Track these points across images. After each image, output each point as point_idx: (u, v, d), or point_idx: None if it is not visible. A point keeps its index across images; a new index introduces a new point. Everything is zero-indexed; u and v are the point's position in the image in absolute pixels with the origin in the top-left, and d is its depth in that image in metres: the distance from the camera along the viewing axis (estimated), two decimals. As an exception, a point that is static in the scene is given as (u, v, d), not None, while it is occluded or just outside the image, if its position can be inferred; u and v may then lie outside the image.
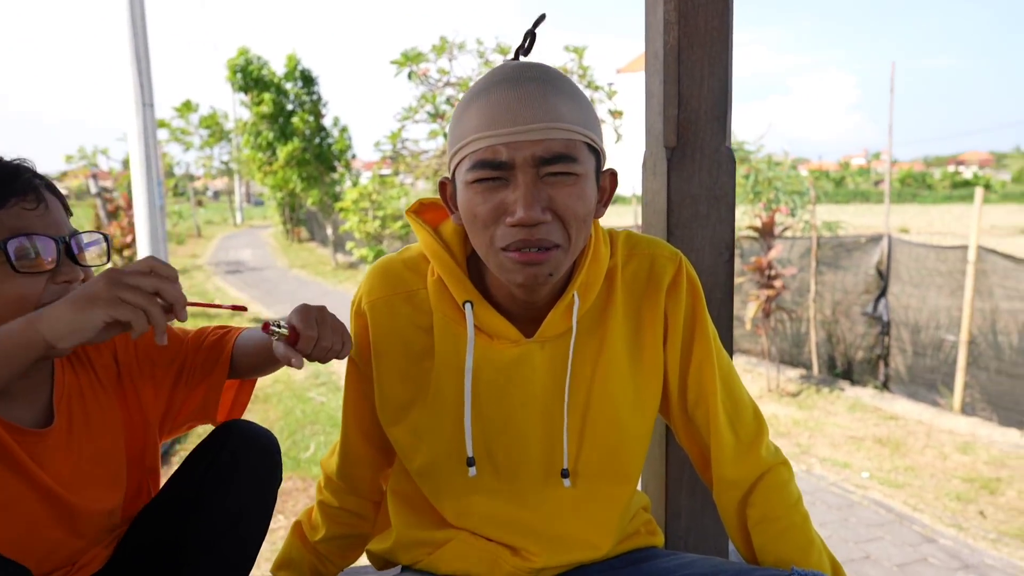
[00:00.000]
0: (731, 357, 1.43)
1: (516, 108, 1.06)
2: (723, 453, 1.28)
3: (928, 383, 7.23)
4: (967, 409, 6.67)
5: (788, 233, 9.07)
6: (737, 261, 7.14)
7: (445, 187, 1.21)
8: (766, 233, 7.53)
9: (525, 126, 1.06)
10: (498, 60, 14.10)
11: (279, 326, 1.15)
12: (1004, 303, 6.60)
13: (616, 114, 14.66)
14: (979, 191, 6.90)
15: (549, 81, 1.09)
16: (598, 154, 1.14)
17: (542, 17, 1.21)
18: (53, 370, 1.26)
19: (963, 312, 6.74)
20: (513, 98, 1.07)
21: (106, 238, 1.31)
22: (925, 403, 6.98)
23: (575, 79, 13.93)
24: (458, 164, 1.13)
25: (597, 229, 1.25)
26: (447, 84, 12.75)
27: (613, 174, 1.21)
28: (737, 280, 7.24)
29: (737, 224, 7.60)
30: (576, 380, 1.24)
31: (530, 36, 1.18)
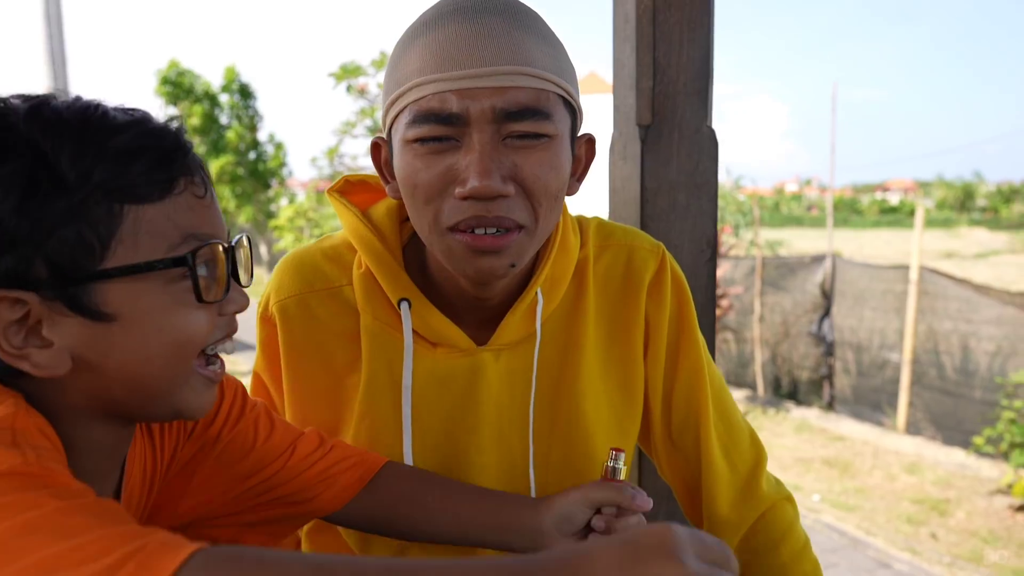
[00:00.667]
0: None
1: (473, 45, 0.81)
2: (717, 487, 1.04)
3: (873, 403, 7.20)
4: (911, 429, 6.64)
5: (732, 253, 9.02)
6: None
7: (378, 150, 0.95)
8: (711, 251, 7.43)
9: (484, 68, 0.80)
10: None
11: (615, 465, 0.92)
12: (946, 323, 6.61)
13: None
14: (920, 211, 6.94)
15: (517, 15, 0.84)
16: (575, 113, 0.90)
17: None
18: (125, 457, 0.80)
19: (906, 332, 6.72)
20: (470, 33, 0.82)
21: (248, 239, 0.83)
22: (870, 423, 6.93)
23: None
24: (396, 118, 0.86)
25: (565, 213, 1.00)
26: (387, 99, 12.46)
27: (590, 141, 0.96)
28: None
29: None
30: (542, 398, 0.99)
31: None
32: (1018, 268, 20.18)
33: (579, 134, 0.93)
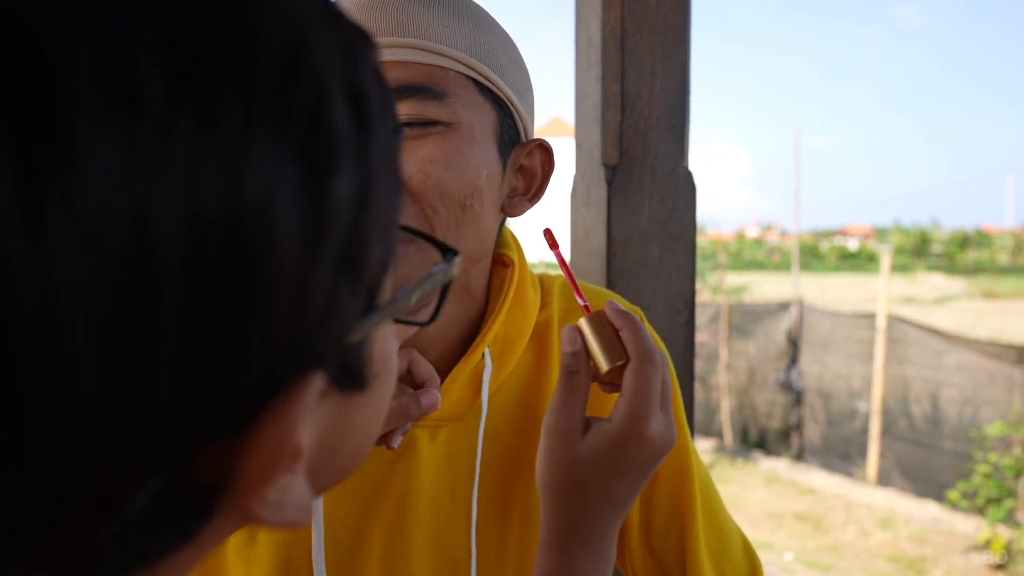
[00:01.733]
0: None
1: (359, 14, 0.67)
2: None
3: (842, 453, 7.05)
4: (883, 480, 6.49)
5: (697, 299, 8.92)
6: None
7: None
8: (678, 298, 7.31)
9: None
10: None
11: None
12: (912, 371, 6.51)
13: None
14: (885, 259, 6.90)
15: None
16: (505, 109, 0.72)
17: None
18: None
19: (875, 380, 6.61)
20: (357, 3, 0.68)
21: None
22: (841, 474, 6.76)
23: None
24: None
25: (523, 264, 0.81)
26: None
27: (543, 147, 0.78)
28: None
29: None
30: (489, 491, 0.77)
31: None
32: (976, 314, 20.50)
33: (522, 139, 0.75)
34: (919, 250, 57.60)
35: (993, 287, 31.76)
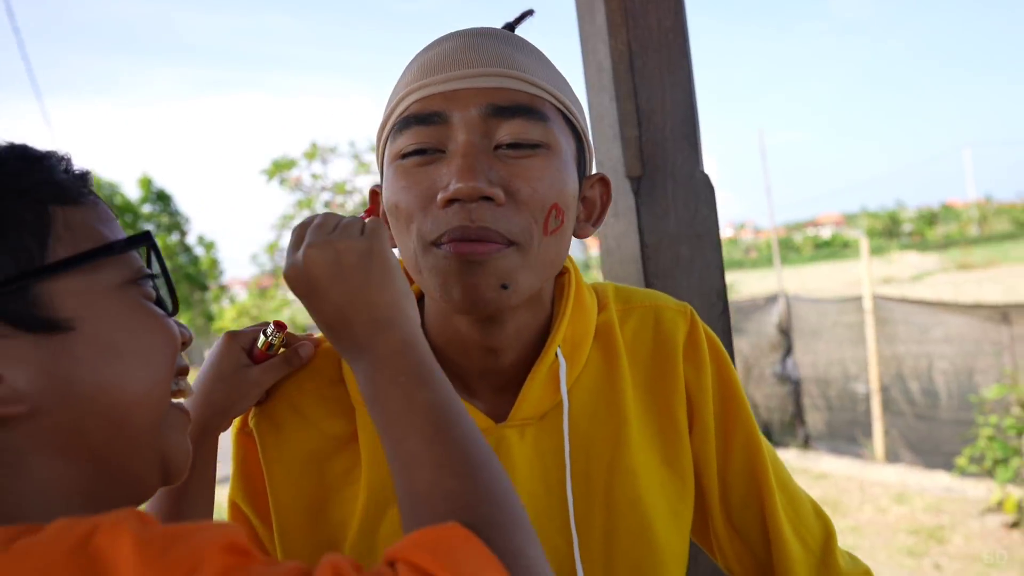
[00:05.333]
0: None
1: (462, 54, 0.78)
2: (793, 571, 0.90)
3: (848, 436, 7.15)
4: (891, 457, 6.59)
5: (686, 302, 9.04)
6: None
7: (376, 197, 0.86)
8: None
9: (471, 70, 0.76)
10: (374, 160, 13.86)
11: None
12: (904, 347, 6.65)
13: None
14: (864, 243, 7.06)
15: (511, 37, 0.82)
16: (580, 139, 0.83)
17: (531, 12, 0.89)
18: None
19: (870, 361, 6.74)
20: (460, 46, 0.79)
21: None
22: (850, 456, 6.86)
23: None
24: (384, 146, 0.81)
25: (576, 271, 0.90)
26: (323, 188, 12.37)
27: (604, 181, 0.88)
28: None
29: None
30: (581, 479, 0.85)
31: (526, 14, 0.89)
32: (954, 286, 20.82)
33: (590, 172, 0.86)
34: (890, 231, 58.44)
35: (966, 258, 32.32)
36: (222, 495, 0.88)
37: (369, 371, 0.67)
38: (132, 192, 20.73)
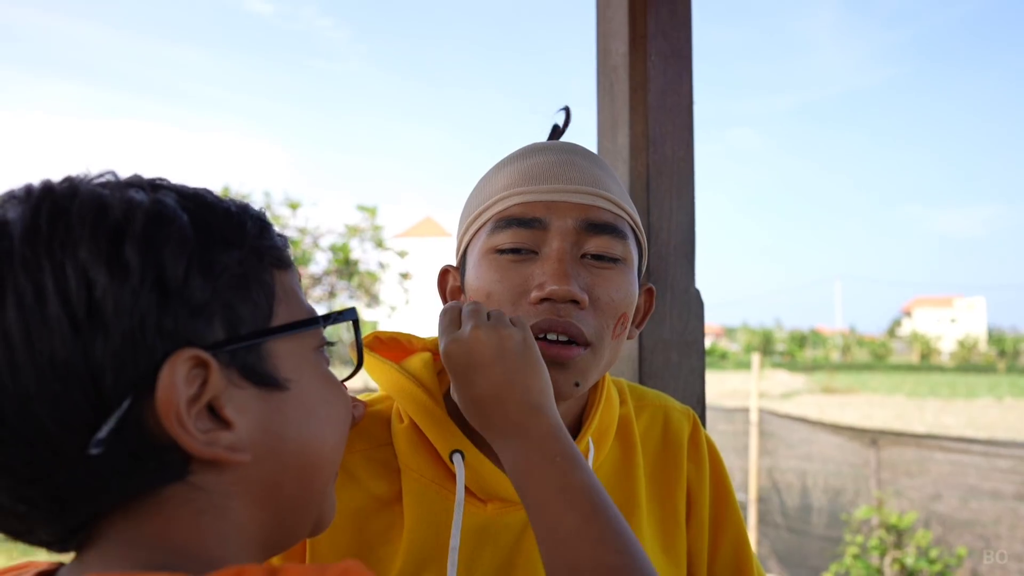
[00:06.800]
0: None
1: (561, 168, 0.89)
2: None
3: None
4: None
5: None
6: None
7: (446, 276, 0.97)
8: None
9: (570, 185, 0.88)
10: (286, 213, 13.70)
11: None
12: (784, 461, 7.02)
13: (406, 276, 14.69)
14: (755, 357, 7.50)
15: (597, 159, 0.95)
16: (641, 253, 0.96)
17: (567, 110, 1.01)
18: None
19: (750, 471, 7.07)
20: (557, 160, 0.90)
21: None
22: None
23: (367, 237, 13.85)
24: (476, 234, 0.90)
25: None
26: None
27: (650, 292, 1.00)
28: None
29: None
30: None
31: (567, 114, 1.03)
32: (819, 408, 22.08)
33: (643, 283, 0.98)
34: (764, 348, 61.67)
35: (830, 382, 34.40)
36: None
37: (522, 451, 0.74)
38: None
